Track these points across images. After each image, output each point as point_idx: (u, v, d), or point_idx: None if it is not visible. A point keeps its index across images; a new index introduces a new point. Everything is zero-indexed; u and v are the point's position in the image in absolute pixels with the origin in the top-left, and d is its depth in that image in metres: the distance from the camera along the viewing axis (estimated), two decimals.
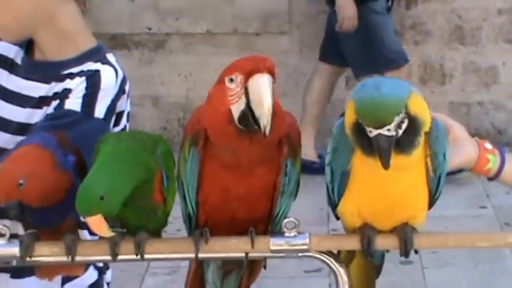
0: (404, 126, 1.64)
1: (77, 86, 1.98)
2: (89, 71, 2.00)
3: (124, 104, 2.06)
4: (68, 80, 2.00)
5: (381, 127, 1.62)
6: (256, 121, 1.64)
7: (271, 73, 1.64)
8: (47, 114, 1.99)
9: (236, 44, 5.43)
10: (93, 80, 1.98)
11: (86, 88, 1.97)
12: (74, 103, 1.96)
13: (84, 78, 1.98)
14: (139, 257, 1.72)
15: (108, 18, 5.26)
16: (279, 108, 1.68)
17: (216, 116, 1.66)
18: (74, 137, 1.83)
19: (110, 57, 2.06)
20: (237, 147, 1.66)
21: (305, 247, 1.72)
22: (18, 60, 2.09)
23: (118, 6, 5.26)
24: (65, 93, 1.99)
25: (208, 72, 5.03)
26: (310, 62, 5.44)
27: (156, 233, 1.80)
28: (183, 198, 1.77)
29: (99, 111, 1.98)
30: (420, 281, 3.69)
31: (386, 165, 1.64)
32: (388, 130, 1.63)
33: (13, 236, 1.73)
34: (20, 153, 1.78)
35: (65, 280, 2.07)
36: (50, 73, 2.02)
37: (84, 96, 1.96)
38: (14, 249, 1.70)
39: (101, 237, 1.72)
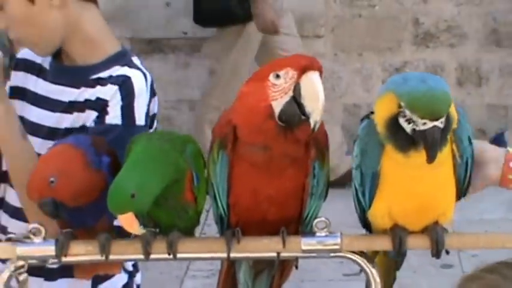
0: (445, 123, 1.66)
1: (113, 97, 1.99)
2: (118, 76, 2.01)
3: (155, 107, 2.09)
4: (98, 87, 2.02)
5: (436, 119, 1.62)
6: (305, 115, 1.66)
7: (321, 72, 1.67)
8: (88, 128, 2.01)
9: None
10: (126, 89, 1.99)
11: (122, 99, 1.98)
12: (114, 117, 1.98)
13: (117, 87, 1.99)
14: (171, 256, 1.74)
15: (144, 23, 5.30)
16: None
17: (253, 112, 1.67)
18: (121, 151, 1.84)
19: (136, 60, 2.08)
20: (271, 144, 1.67)
21: (336, 247, 1.73)
22: (46, 65, 2.11)
23: (154, 11, 5.30)
24: (101, 105, 1.99)
25: (243, 75, 5.04)
26: (345, 66, 5.44)
27: (188, 232, 1.82)
28: (214, 199, 1.79)
29: (139, 119, 2.00)
30: None
31: (433, 158, 1.64)
32: (441, 123, 1.64)
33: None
34: (52, 153, 1.82)
35: (95, 283, 2.09)
36: (78, 78, 2.04)
37: (123, 108, 1.98)
38: (50, 248, 1.73)
39: (135, 237, 1.74)
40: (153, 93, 2.06)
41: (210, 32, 4.96)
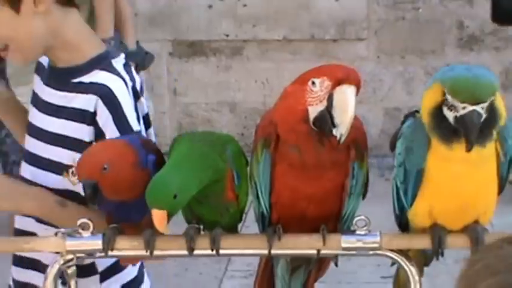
0: (487, 114, 1.66)
1: (101, 113, 1.99)
2: (99, 85, 2.02)
3: (144, 107, 2.10)
4: (81, 96, 2.02)
5: (476, 103, 1.63)
6: (334, 125, 1.69)
7: (358, 86, 1.69)
8: None
9: (313, 50, 5.46)
10: (110, 100, 2.00)
11: (111, 112, 2.00)
12: (112, 133, 1.99)
13: (98, 98, 1.99)
14: (214, 252, 1.77)
15: (186, 25, 5.35)
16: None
17: (290, 113, 1.71)
18: None
19: (116, 63, 2.08)
20: (307, 148, 1.71)
21: (376, 245, 1.75)
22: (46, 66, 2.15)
23: (196, 13, 5.35)
24: (89, 117, 2.00)
25: (284, 78, 5.06)
26: (387, 69, 5.43)
27: (231, 228, 1.86)
28: (256, 198, 1.82)
29: (134, 124, 2.01)
30: None
31: (471, 145, 1.64)
32: (482, 108, 1.64)
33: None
34: (109, 143, 1.89)
35: (104, 278, 2.12)
36: (61, 80, 2.07)
37: (115, 120, 2.00)
38: (98, 242, 1.78)
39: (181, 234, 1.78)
40: (137, 96, 2.07)
41: (251, 34, 4.99)
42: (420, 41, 5.44)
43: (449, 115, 1.66)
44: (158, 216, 1.70)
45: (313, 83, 1.69)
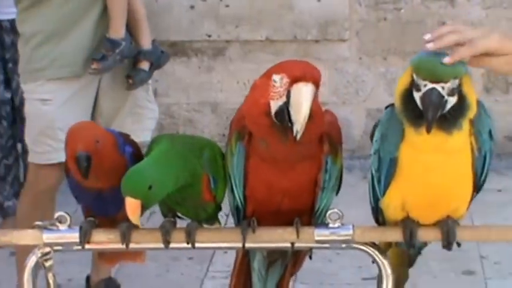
0: (453, 101, 1.67)
1: None
2: None
3: None
4: None
5: (437, 82, 1.66)
6: (291, 122, 1.71)
7: (316, 83, 1.71)
8: None
9: (295, 51, 5.48)
10: None
11: None
12: None
13: None
14: (189, 245, 1.79)
15: (167, 25, 5.36)
16: (318, 109, 1.74)
17: (254, 106, 1.74)
18: None
19: None
20: (272, 141, 1.74)
21: (349, 238, 1.77)
22: None
23: (178, 13, 5.36)
24: None
25: None
26: (369, 70, 5.46)
27: (210, 220, 1.90)
28: (231, 191, 1.84)
29: None
30: None
31: (429, 124, 1.65)
32: (442, 88, 1.66)
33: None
34: (92, 124, 1.96)
35: None
36: None
37: None
38: (75, 235, 1.80)
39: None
40: None
41: (233, 35, 5.01)
42: (402, 42, 5.46)
43: (416, 96, 1.68)
44: (131, 205, 1.71)
45: (277, 79, 1.72)
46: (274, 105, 1.72)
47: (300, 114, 1.69)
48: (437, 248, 1.83)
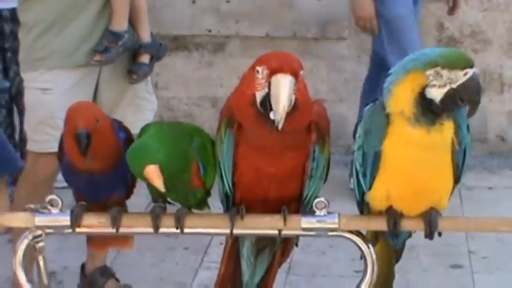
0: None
1: None
2: None
3: None
4: None
5: (471, 66, 1.71)
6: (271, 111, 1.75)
7: (295, 74, 1.75)
8: None
9: (294, 48, 5.50)
10: None
11: None
12: None
13: None
14: (179, 230, 1.83)
15: (169, 19, 5.39)
16: (305, 99, 1.78)
17: (241, 97, 1.79)
18: None
19: None
20: (259, 130, 1.78)
21: (335, 226, 1.81)
22: None
23: (179, 8, 5.39)
24: None
25: None
26: (367, 68, 5.49)
27: (199, 205, 1.94)
28: (220, 177, 1.88)
29: None
30: (469, 286, 3.68)
31: (476, 109, 1.71)
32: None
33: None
34: (92, 104, 2.09)
35: None
36: None
37: None
38: (66, 218, 1.83)
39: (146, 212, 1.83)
40: None
41: (234, 30, 5.03)
42: None
43: (437, 94, 1.71)
44: (152, 172, 1.74)
45: (259, 71, 1.77)
46: (259, 96, 1.77)
47: (279, 104, 1.73)
48: (427, 243, 1.87)
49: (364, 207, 1.88)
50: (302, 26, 5.50)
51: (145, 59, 3.46)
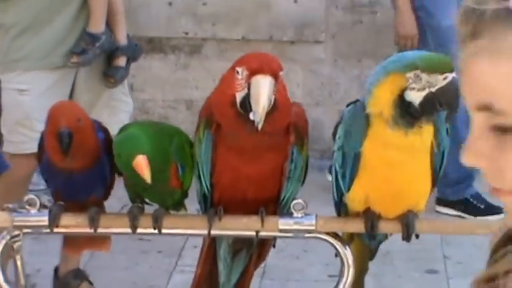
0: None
1: None
2: None
3: None
4: None
5: (451, 71, 1.70)
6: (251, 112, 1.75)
7: (274, 75, 1.75)
8: None
9: (270, 51, 5.51)
10: None
11: None
12: None
13: None
14: (156, 230, 1.83)
15: (145, 21, 5.38)
16: (284, 100, 1.79)
17: (221, 97, 1.80)
18: None
19: None
20: (238, 131, 1.79)
21: (312, 227, 1.82)
22: None
23: (155, 9, 5.38)
24: None
25: None
26: (344, 72, 5.51)
27: (177, 206, 1.94)
28: (198, 178, 1.89)
29: None
30: None
31: (455, 113, 1.71)
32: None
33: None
34: (74, 104, 2.06)
35: None
36: None
37: None
38: (44, 218, 1.83)
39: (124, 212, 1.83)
40: None
41: (210, 33, 5.03)
42: (377, 45, 5.51)
43: (416, 97, 1.72)
44: (140, 162, 1.74)
45: (238, 71, 1.77)
46: (239, 97, 1.77)
47: (258, 105, 1.74)
48: (402, 248, 1.88)
49: (341, 209, 1.89)
50: (278, 29, 5.52)
51: (121, 61, 3.46)
